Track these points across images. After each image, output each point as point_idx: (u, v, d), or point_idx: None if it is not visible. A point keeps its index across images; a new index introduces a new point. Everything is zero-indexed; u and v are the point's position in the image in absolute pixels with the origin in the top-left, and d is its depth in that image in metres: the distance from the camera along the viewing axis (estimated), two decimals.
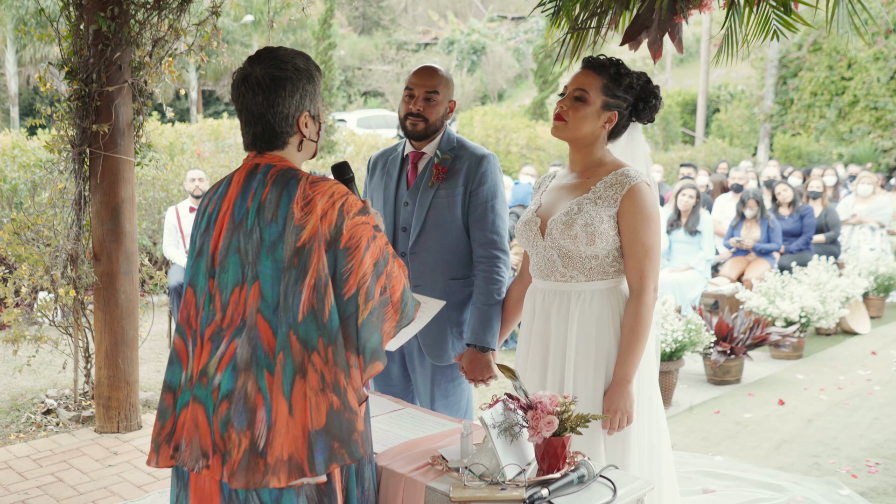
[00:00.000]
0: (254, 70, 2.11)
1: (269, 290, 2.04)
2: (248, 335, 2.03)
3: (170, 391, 2.13)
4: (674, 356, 5.33)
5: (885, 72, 19.61)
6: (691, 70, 29.97)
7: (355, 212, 2.07)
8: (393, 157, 3.17)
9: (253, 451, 1.97)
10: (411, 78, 3.05)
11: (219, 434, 2.02)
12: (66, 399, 5.24)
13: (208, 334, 2.09)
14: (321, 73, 2.23)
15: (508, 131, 17.21)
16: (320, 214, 2.03)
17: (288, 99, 2.10)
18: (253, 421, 1.99)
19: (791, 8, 2.85)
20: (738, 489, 4.02)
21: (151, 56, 4.82)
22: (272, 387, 1.99)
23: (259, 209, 2.07)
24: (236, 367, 2.03)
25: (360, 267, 2.04)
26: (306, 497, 2.05)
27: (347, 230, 2.04)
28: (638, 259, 2.58)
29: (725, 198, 9.62)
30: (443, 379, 3.10)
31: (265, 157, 2.15)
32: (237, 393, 2.01)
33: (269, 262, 2.04)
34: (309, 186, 2.07)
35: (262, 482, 1.96)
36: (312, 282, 2.01)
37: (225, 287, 2.09)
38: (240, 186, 2.13)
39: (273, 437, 1.97)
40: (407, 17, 37.98)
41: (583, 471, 2.14)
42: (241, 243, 2.08)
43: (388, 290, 2.10)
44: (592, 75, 2.63)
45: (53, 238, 5.03)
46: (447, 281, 3.04)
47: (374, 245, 2.08)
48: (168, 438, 2.11)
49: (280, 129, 2.12)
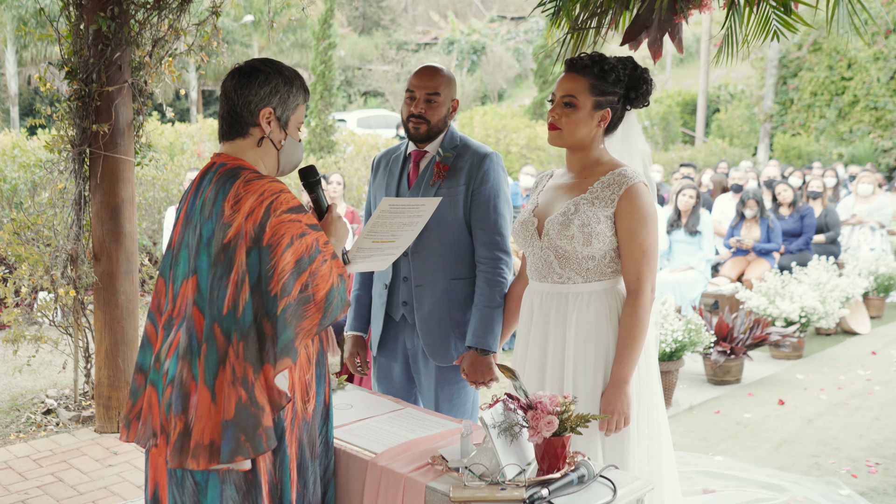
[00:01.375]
0: (242, 63, 2.28)
1: (203, 284, 2.14)
2: (186, 325, 2.15)
3: (141, 372, 2.27)
4: (674, 356, 5.33)
5: (885, 72, 19.61)
6: (691, 70, 29.97)
7: (283, 209, 2.13)
8: (396, 156, 3.16)
9: (185, 433, 2.09)
10: (412, 79, 3.02)
11: (164, 416, 2.16)
12: (66, 399, 5.24)
13: (161, 322, 2.24)
14: (307, 94, 2.34)
15: (508, 131, 17.22)
16: (246, 212, 2.12)
17: (256, 88, 2.22)
18: (187, 406, 2.10)
19: (791, 8, 2.85)
20: (738, 489, 4.02)
21: (151, 56, 4.82)
22: (200, 375, 2.10)
23: (202, 206, 2.19)
24: (178, 355, 2.15)
25: (280, 263, 2.10)
26: (234, 484, 2.14)
27: (270, 227, 2.11)
28: (635, 260, 2.56)
29: (725, 198, 9.62)
30: (447, 382, 3.08)
31: (222, 156, 2.26)
32: (176, 378, 2.13)
33: (205, 257, 2.16)
34: (243, 185, 2.15)
35: (185, 463, 2.08)
36: (236, 278, 2.10)
37: (176, 279, 2.22)
38: (196, 184, 2.27)
39: (197, 421, 2.08)
40: (407, 17, 37.98)
41: (583, 471, 2.14)
42: (188, 238, 2.22)
43: (311, 287, 2.13)
44: (577, 78, 2.60)
45: (53, 238, 5.03)
46: (449, 281, 3.02)
47: (300, 242, 2.13)
48: (138, 415, 2.25)
49: (241, 112, 2.23)
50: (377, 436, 2.49)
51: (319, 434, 2.33)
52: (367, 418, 2.66)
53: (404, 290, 3.06)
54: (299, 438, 2.25)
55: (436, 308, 3.02)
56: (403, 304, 3.07)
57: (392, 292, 3.09)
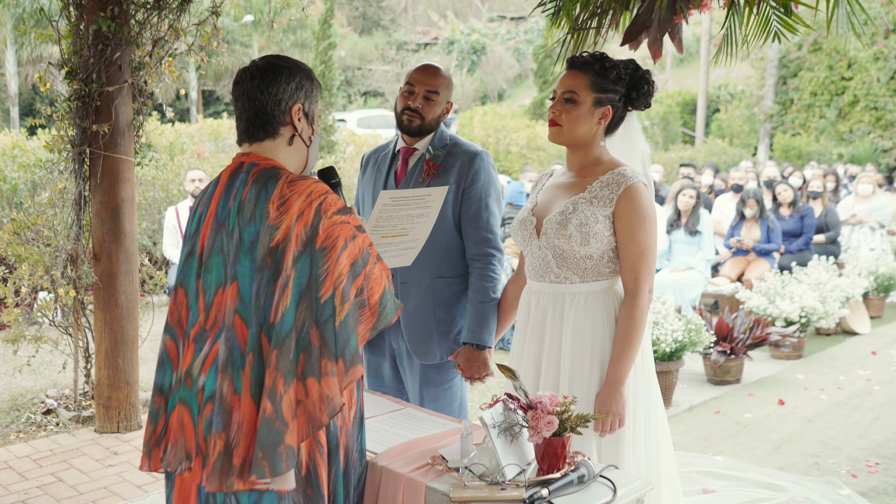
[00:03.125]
0: (255, 62, 2.18)
1: (246, 291, 2.02)
2: (227, 336, 2.01)
3: (160, 393, 2.12)
4: (674, 356, 5.33)
5: (885, 72, 19.62)
6: (691, 70, 29.97)
7: (333, 211, 2.03)
8: (384, 154, 3.16)
9: (227, 452, 1.94)
10: (413, 73, 3.02)
11: (202, 437, 2.01)
12: (66, 399, 5.24)
13: (192, 335, 2.08)
14: (320, 87, 2.25)
15: (508, 131, 17.21)
16: (296, 214, 2.00)
17: (283, 85, 2.13)
18: (229, 423, 1.96)
19: (791, 9, 2.85)
20: (738, 489, 4.02)
21: (151, 56, 4.82)
22: (245, 388, 1.97)
23: (239, 209, 2.06)
24: (217, 369, 2.01)
25: (335, 267, 1.99)
26: (292, 500, 2.02)
27: (324, 230, 2.00)
28: (633, 260, 2.56)
29: (725, 198, 9.62)
30: (431, 383, 3.08)
31: (251, 156, 2.14)
32: (217, 394, 1.99)
33: (247, 262, 2.03)
34: (287, 186, 2.04)
35: (227, 484, 1.93)
36: (283, 282, 1.97)
37: (209, 288, 2.08)
38: (224, 186, 2.13)
39: (243, 438, 1.94)
40: (407, 17, 37.97)
41: (583, 471, 2.14)
42: (223, 243, 2.08)
43: (366, 291, 2.05)
44: (578, 75, 2.60)
45: (53, 238, 5.03)
46: (434, 279, 3.03)
47: (353, 245, 2.03)
48: (158, 441, 2.10)
49: (272, 112, 2.13)
50: (377, 436, 2.49)
51: (356, 441, 2.22)
52: (367, 418, 2.65)
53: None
54: (347, 447, 2.16)
55: (420, 306, 3.03)
56: None
57: None
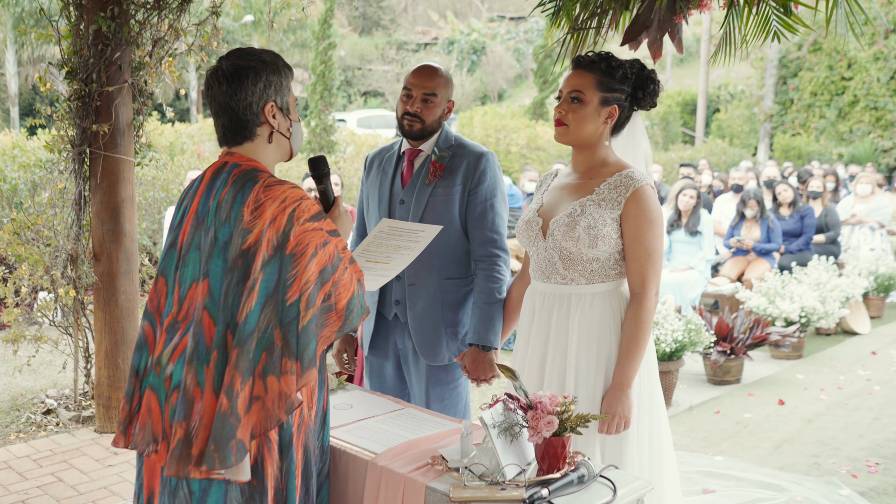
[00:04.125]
0: (221, 64, 2.18)
1: (217, 289, 2.09)
2: (195, 330, 2.09)
3: (136, 375, 2.21)
4: (674, 356, 5.33)
5: (885, 72, 19.62)
6: (691, 70, 29.97)
7: (306, 218, 2.09)
8: (389, 155, 3.15)
9: (186, 441, 2.03)
10: (410, 77, 3.02)
11: (168, 423, 2.10)
12: (66, 399, 5.24)
13: (165, 324, 2.16)
14: (291, 72, 2.28)
15: (508, 131, 17.21)
16: (269, 219, 2.06)
17: (251, 87, 2.15)
18: (190, 413, 2.05)
19: (791, 9, 2.85)
20: (738, 489, 4.02)
21: (151, 56, 4.82)
22: (207, 382, 2.04)
23: (217, 208, 2.13)
24: (184, 361, 2.09)
25: (304, 274, 2.05)
26: (238, 488, 2.09)
27: (295, 236, 2.06)
28: (640, 262, 2.55)
29: (725, 198, 9.62)
30: (438, 382, 3.08)
31: (234, 156, 2.20)
32: (182, 384, 2.07)
33: (220, 261, 2.10)
34: (263, 190, 2.09)
35: (184, 471, 2.02)
36: (251, 284, 2.04)
37: (184, 281, 2.16)
38: (206, 184, 2.19)
39: (202, 429, 2.02)
40: (407, 17, 37.98)
41: (583, 471, 2.14)
42: (200, 240, 2.15)
43: (334, 297, 2.10)
44: (584, 74, 2.60)
45: (53, 238, 5.03)
46: (442, 281, 3.02)
47: (323, 252, 2.09)
48: (131, 420, 2.20)
49: (245, 117, 2.17)
50: (377, 436, 2.49)
51: (318, 438, 2.31)
52: (367, 418, 2.65)
53: (397, 288, 3.06)
54: (304, 444, 2.22)
55: (429, 307, 3.02)
56: (396, 303, 3.07)
57: (385, 291, 3.10)
